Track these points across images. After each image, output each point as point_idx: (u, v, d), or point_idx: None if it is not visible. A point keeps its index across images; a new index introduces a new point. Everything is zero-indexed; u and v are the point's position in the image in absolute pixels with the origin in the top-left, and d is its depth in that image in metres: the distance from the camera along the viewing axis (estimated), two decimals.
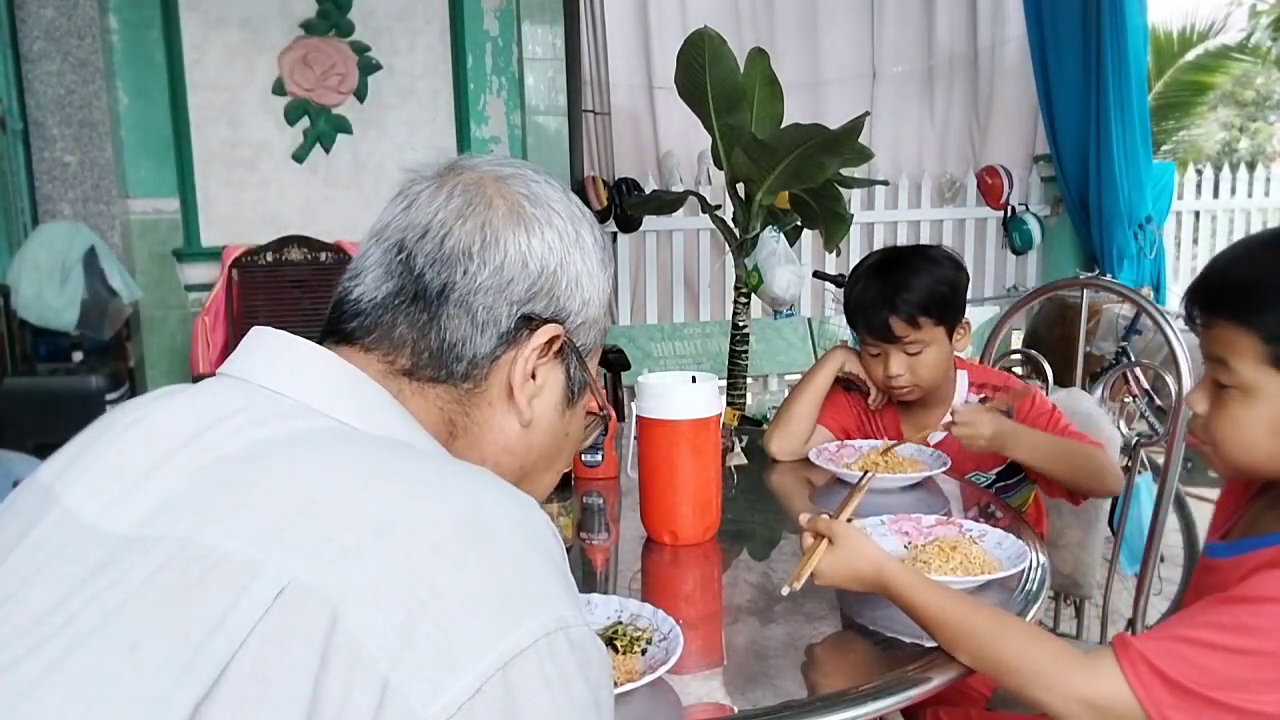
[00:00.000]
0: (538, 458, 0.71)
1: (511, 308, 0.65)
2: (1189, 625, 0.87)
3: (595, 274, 0.70)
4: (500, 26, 3.95)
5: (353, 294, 0.66)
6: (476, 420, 0.67)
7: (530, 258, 0.66)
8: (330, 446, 0.56)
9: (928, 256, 1.70)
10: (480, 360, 0.65)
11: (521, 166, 0.70)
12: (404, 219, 0.66)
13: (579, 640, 0.51)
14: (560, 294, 0.68)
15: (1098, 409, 1.83)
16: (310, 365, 0.62)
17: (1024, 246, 4.76)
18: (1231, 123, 11.54)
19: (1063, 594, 1.89)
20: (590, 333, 0.71)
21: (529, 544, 0.53)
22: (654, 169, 4.83)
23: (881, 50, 5.32)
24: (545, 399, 0.69)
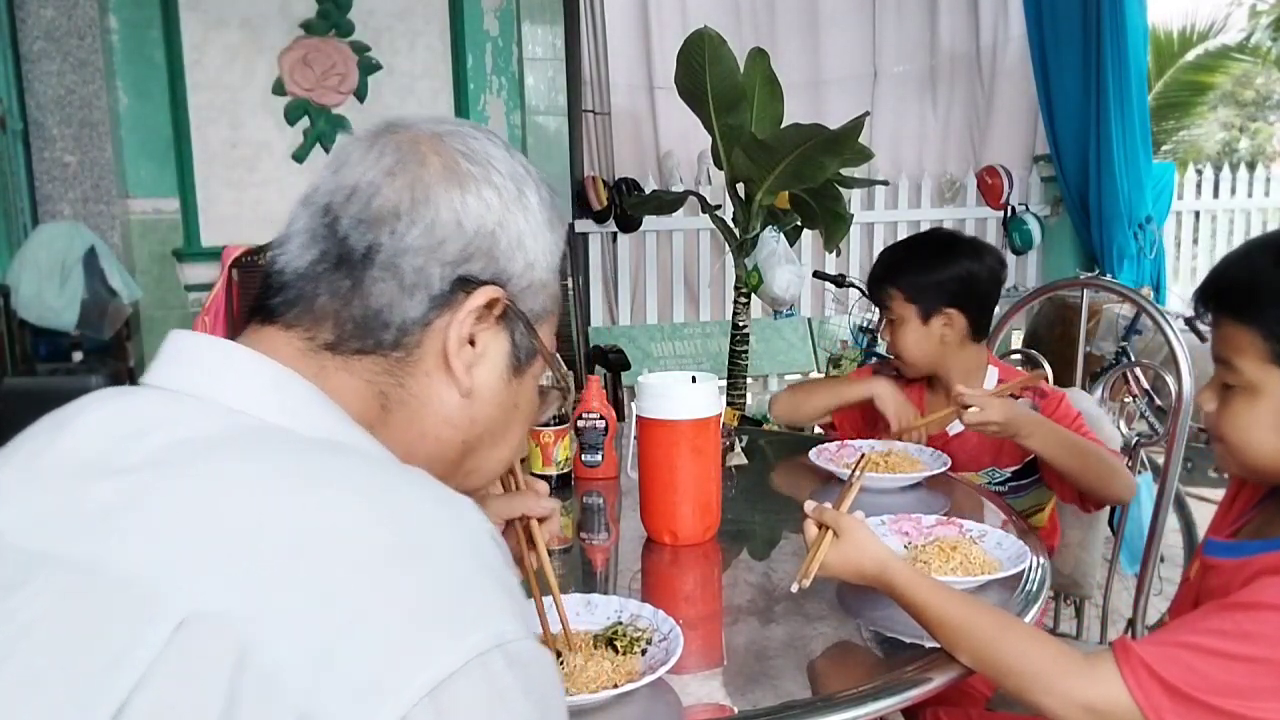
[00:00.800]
0: (483, 431, 0.66)
1: (444, 269, 0.61)
2: (1189, 631, 0.87)
3: (541, 235, 0.66)
4: (500, 26, 3.95)
5: (277, 264, 0.62)
6: (413, 391, 0.62)
7: (465, 217, 0.61)
8: (249, 456, 0.52)
9: (950, 243, 1.77)
10: (410, 326, 0.61)
11: (462, 124, 0.66)
12: (333, 181, 0.63)
13: (519, 655, 0.47)
14: (500, 255, 0.63)
15: (1098, 409, 1.83)
16: (231, 366, 0.58)
17: (1024, 246, 4.76)
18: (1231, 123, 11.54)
19: (1063, 594, 1.89)
20: (539, 297, 0.66)
21: (463, 555, 0.50)
22: (654, 169, 4.83)
23: (882, 50, 5.32)
24: (487, 367, 0.65)
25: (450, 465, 0.66)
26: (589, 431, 1.65)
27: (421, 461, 0.62)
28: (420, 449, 0.64)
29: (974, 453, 1.73)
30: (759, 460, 1.84)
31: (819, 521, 1.09)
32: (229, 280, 3.56)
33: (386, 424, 0.62)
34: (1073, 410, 1.69)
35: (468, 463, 0.68)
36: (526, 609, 0.51)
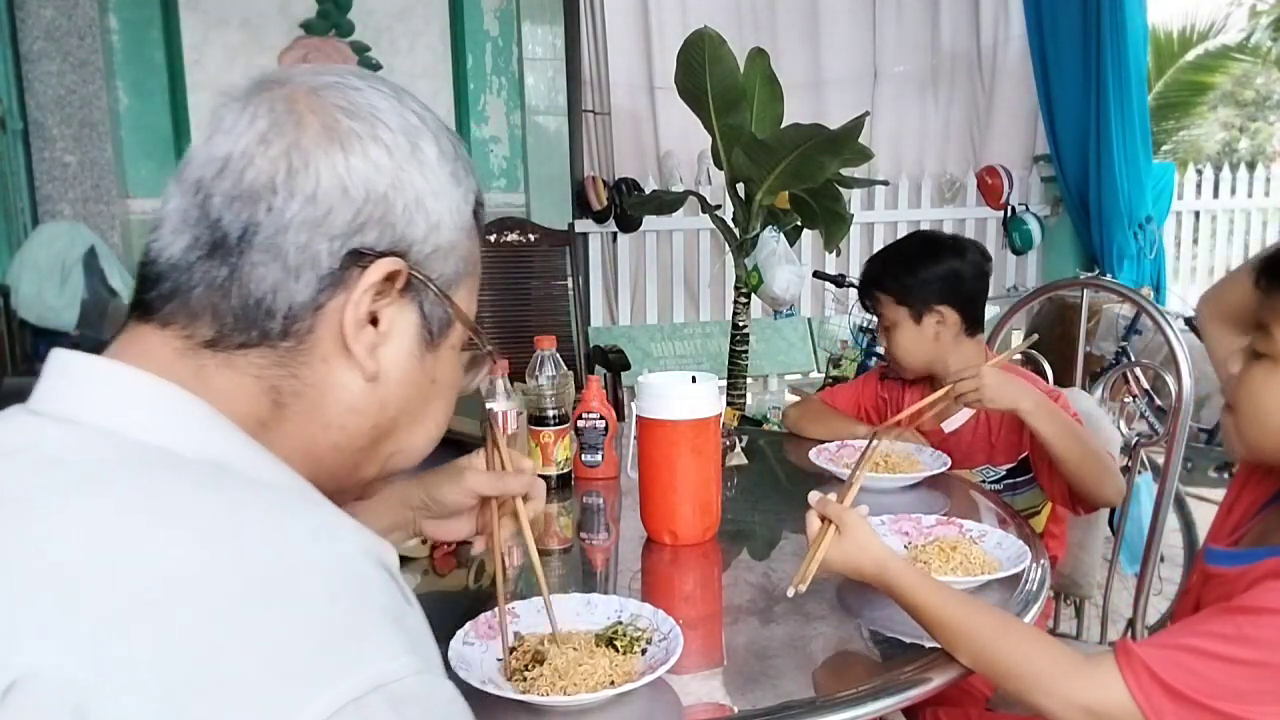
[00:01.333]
0: (397, 413, 0.61)
1: (333, 244, 0.54)
2: (1191, 634, 0.86)
3: (445, 191, 0.59)
4: (500, 26, 3.95)
5: (150, 253, 0.56)
6: (309, 382, 0.56)
7: (351, 182, 0.54)
8: (94, 493, 0.46)
9: (932, 245, 1.78)
10: (299, 311, 0.54)
11: (344, 73, 0.59)
12: (204, 150, 0.55)
13: (404, 694, 0.42)
14: (396, 220, 0.56)
15: (1098, 409, 1.82)
16: (104, 383, 0.53)
17: (1024, 246, 4.76)
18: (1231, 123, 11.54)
19: (1063, 594, 1.89)
20: (449, 260, 0.60)
21: (336, 592, 0.44)
22: (654, 169, 4.83)
23: (882, 50, 5.32)
24: (394, 346, 0.59)
25: (362, 453, 0.61)
26: (589, 431, 1.65)
27: (328, 454, 0.59)
28: (324, 441, 0.58)
29: (968, 450, 1.73)
30: (759, 460, 1.84)
31: (822, 514, 1.08)
32: None
33: (282, 420, 0.56)
34: (1071, 407, 1.68)
35: (384, 447, 0.62)
36: (420, 640, 0.46)
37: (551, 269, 3.91)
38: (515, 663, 0.93)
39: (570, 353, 3.81)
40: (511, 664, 0.94)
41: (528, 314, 3.84)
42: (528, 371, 1.62)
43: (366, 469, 0.63)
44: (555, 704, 0.87)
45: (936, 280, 1.72)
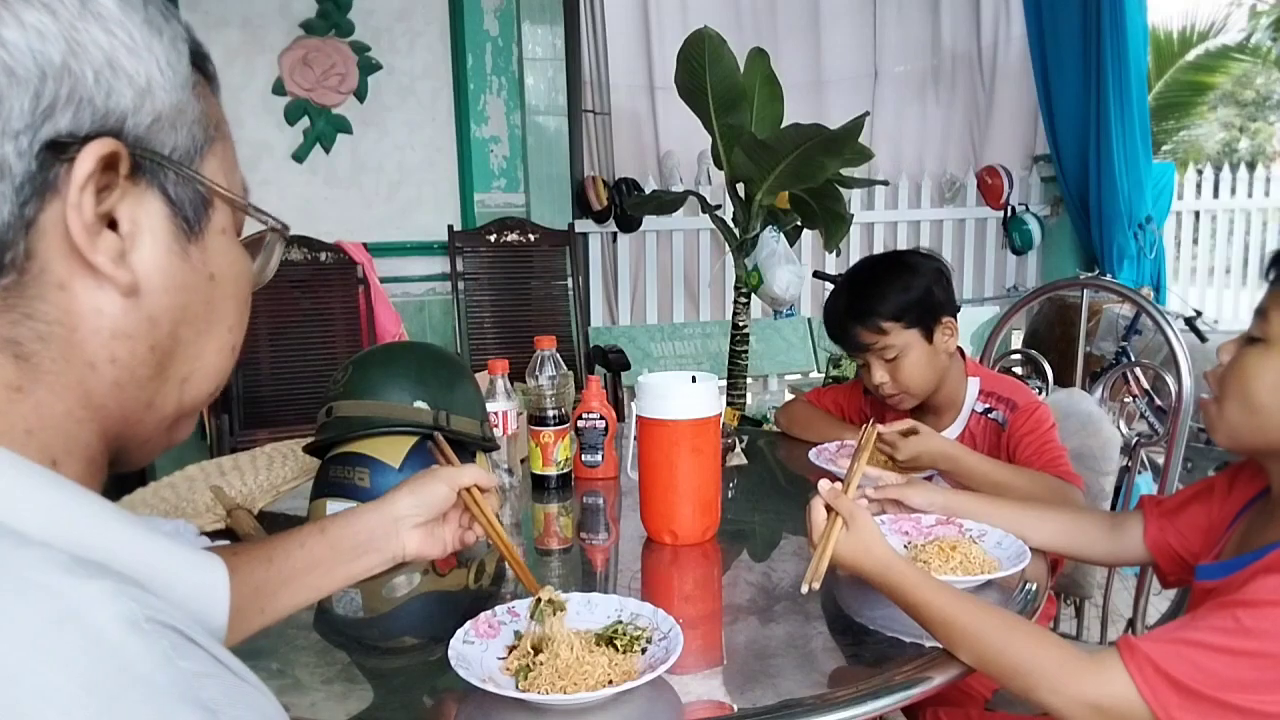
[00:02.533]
0: (174, 325, 0.50)
1: (19, 141, 0.43)
2: (1192, 629, 0.87)
3: (143, 44, 0.47)
4: (500, 26, 3.95)
5: None
6: (51, 318, 0.45)
7: (14, 60, 0.43)
8: None
9: (897, 262, 1.70)
10: (6, 235, 0.43)
11: None
12: None
13: None
14: (92, 91, 0.45)
15: (1098, 409, 1.83)
16: None
17: (1024, 246, 4.77)
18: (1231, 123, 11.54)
19: (1063, 594, 1.89)
20: (179, 127, 0.49)
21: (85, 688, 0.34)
22: (654, 169, 4.83)
23: (882, 50, 5.32)
24: (146, 247, 0.48)
25: (151, 384, 0.51)
26: (589, 431, 1.65)
27: (110, 397, 0.49)
28: (98, 382, 0.48)
29: None
30: (759, 460, 1.84)
31: (830, 506, 1.06)
32: None
33: (37, 376, 0.46)
34: (1044, 422, 1.61)
35: (174, 370, 0.52)
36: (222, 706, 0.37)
37: (551, 269, 3.91)
38: (515, 662, 0.94)
39: (570, 353, 3.82)
40: (512, 664, 0.94)
41: (528, 314, 3.84)
42: (528, 371, 1.62)
43: (162, 403, 0.52)
44: (555, 703, 0.87)
45: (934, 287, 1.66)
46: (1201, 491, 1.15)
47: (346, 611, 1.20)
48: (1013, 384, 1.72)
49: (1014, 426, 1.62)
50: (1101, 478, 1.78)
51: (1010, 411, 1.65)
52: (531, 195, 4.06)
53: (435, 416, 1.34)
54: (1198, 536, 1.14)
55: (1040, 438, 1.60)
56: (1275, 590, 0.85)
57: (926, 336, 1.65)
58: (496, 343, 3.73)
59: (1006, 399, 1.68)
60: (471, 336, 3.76)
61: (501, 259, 3.84)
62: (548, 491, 1.62)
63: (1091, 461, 1.78)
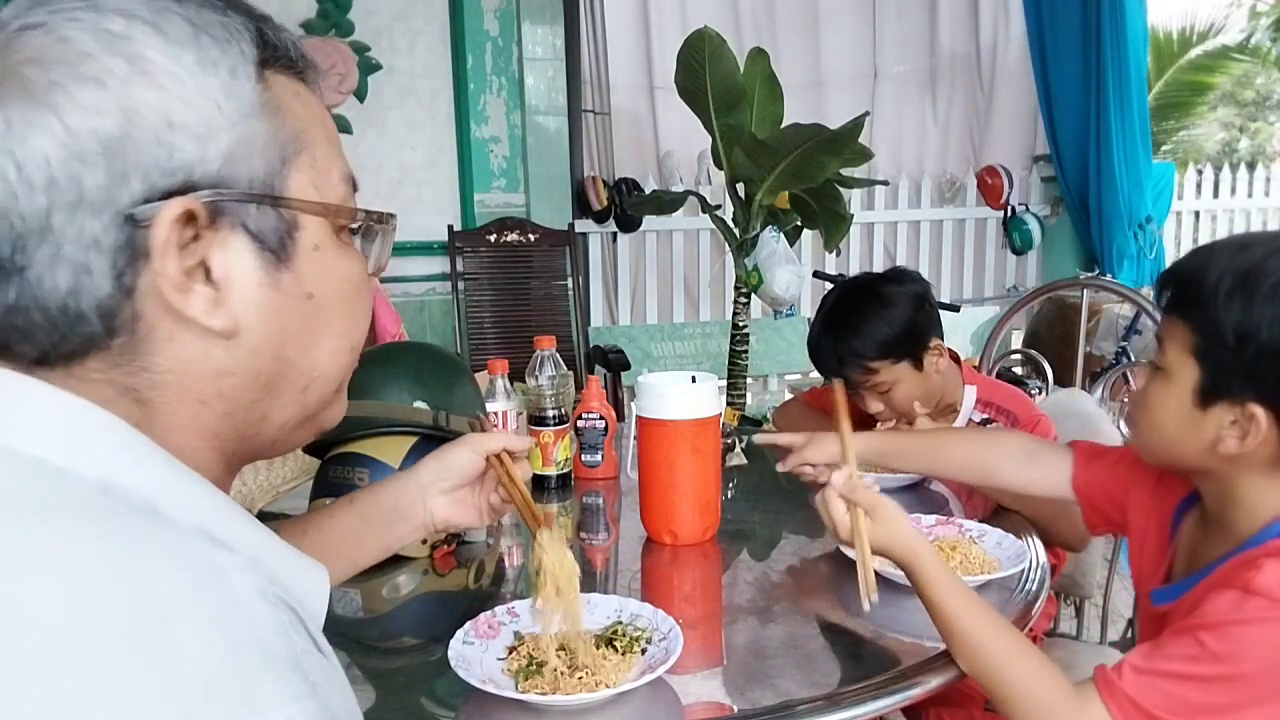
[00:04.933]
0: (278, 350, 0.53)
1: (102, 217, 0.46)
2: (1163, 657, 0.87)
3: (196, 89, 0.48)
4: (500, 26, 3.95)
5: None
6: (164, 368, 0.49)
7: (79, 144, 0.45)
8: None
9: (877, 297, 1.65)
10: (111, 305, 0.47)
11: (30, 10, 0.47)
12: None
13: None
14: (154, 154, 0.47)
15: (1098, 409, 1.83)
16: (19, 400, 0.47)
17: (1024, 246, 4.77)
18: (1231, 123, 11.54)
19: (1063, 594, 1.88)
20: (252, 158, 0.50)
21: (218, 637, 0.40)
22: (654, 169, 4.83)
23: (882, 50, 5.32)
24: (238, 288, 0.50)
25: (263, 404, 0.54)
26: (589, 431, 1.65)
27: (221, 425, 0.52)
28: (209, 416, 0.52)
29: None
30: (759, 460, 1.84)
31: (849, 498, 1.02)
32: None
33: (154, 416, 0.50)
34: (1047, 436, 1.59)
35: (286, 385, 0.55)
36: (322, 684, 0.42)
37: (551, 269, 3.91)
38: (515, 664, 0.94)
39: (570, 353, 3.82)
40: (512, 666, 0.94)
41: (528, 314, 3.84)
42: (528, 371, 1.62)
43: (280, 415, 0.55)
44: (555, 704, 0.87)
45: (916, 316, 1.63)
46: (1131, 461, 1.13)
47: (346, 611, 1.20)
48: (1011, 393, 1.71)
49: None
50: None
51: (1011, 424, 1.65)
52: (531, 195, 4.06)
53: (435, 416, 1.34)
54: (1124, 496, 1.14)
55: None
56: (1230, 608, 0.85)
57: (916, 365, 1.64)
58: (496, 343, 3.73)
59: (1006, 410, 1.67)
60: (471, 336, 3.76)
61: (501, 259, 3.84)
62: (547, 491, 1.62)
63: None
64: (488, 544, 1.40)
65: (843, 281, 1.83)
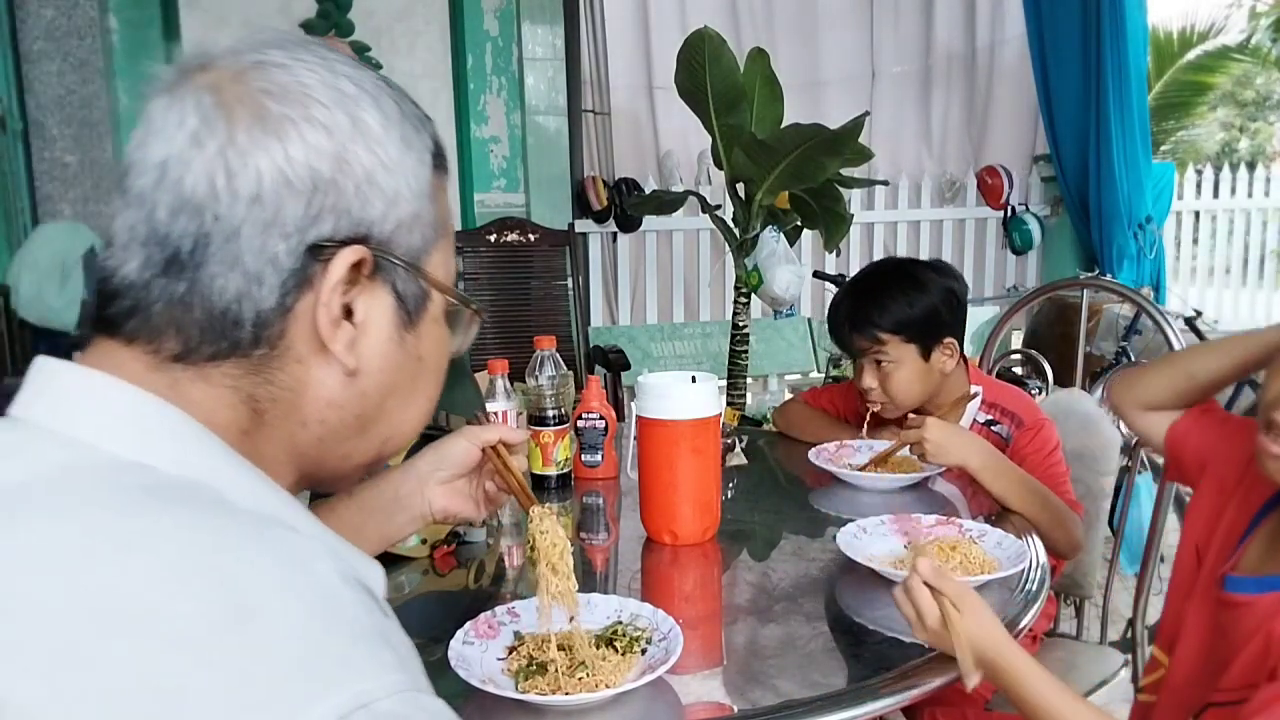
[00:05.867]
0: (381, 399, 0.58)
1: (290, 242, 0.51)
2: None
3: (397, 161, 0.55)
4: (500, 26, 3.95)
5: (107, 268, 0.53)
6: (285, 385, 0.54)
7: (293, 172, 0.51)
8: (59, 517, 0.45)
9: (911, 274, 1.67)
10: (268, 318, 0.52)
11: (265, 47, 0.53)
12: (140, 156, 0.52)
13: (389, 714, 0.41)
14: (351, 205, 0.53)
15: (1098, 409, 1.82)
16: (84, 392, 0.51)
17: (1024, 246, 4.77)
18: (1231, 123, 11.55)
19: (1063, 594, 1.89)
20: (415, 231, 0.56)
21: (310, 614, 0.43)
22: (654, 169, 4.83)
23: (881, 50, 5.32)
24: (371, 336, 0.56)
25: (350, 443, 0.59)
26: (589, 431, 1.65)
27: (311, 448, 0.57)
28: (305, 437, 0.56)
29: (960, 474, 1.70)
30: (759, 460, 1.84)
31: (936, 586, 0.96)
32: None
33: (261, 426, 0.55)
34: (1050, 442, 1.62)
35: (375, 432, 0.60)
36: (407, 657, 0.45)
37: (551, 269, 3.91)
38: (515, 664, 0.94)
39: (570, 353, 3.82)
40: (512, 666, 0.94)
41: (528, 314, 3.84)
42: (528, 371, 1.62)
43: (358, 455, 0.61)
44: (555, 704, 0.87)
45: (941, 308, 1.64)
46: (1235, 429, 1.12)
47: None
48: (1017, 395, 1.71)
49: (1019, 444, 1.62)
50: (1101, 478, 1.78)
51: (1016, 428, 1.65)
52: (531, 195, 4.06)
53: (435, 416, 1.34)
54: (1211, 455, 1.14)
55: (1046, 459, 1.60)
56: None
57: (923, 354, 1.65)
58: (496, 343, 3.73)
59: (1011, 413, 1.67)
60: None
61: (501, 259, 3.84)
62: (547, 491, 1.61)
63: (1091, 461, 1.78)
64: (488, 544, 1.40)
65: (886, 258, 1.87)
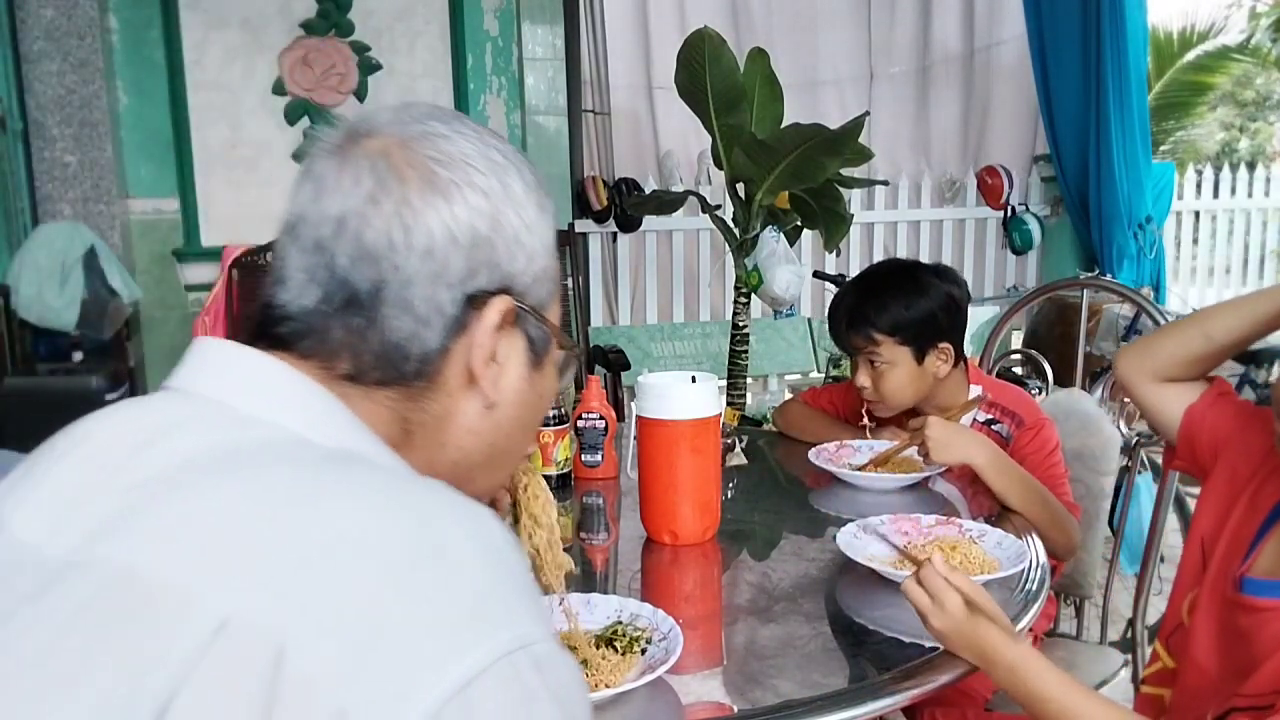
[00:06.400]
0: (511, 431, 0.66)
1: (452, 291, 0.60)
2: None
3: (535, 223, 0.63)
4: (500, 26, 3.95)
5: (278, 300, 0.61)
6: (434, 413, 0.62)
7: (459, 231, 0.59)
8: (273, 463, 0.53)
9: (912, 277, 1.68)
10: (430, 356, 0.60)
11: (426, 118, 0.62)
12: (315, 210, 0.60)
13: (543, 657, 0.48)
14: (501, 260, 0.61)
15: (1097, 409, 1.83)
16: (255, 373, 0.58)
17: (1024, 246, 4.76)
18: (1231, 123, 11.54)
19: (1063, 594, 1.89)
20: (543, 285, 0.65)
21: (485, 561, 0.50)
22: (654, 169, 4.82)
23: (880, 51, 5.32)
24: (510, 374, 0.64)
25: (478, 469, 0.66)
26: (589, 431, 1.65)
27: (444, 469, 0.63)
28: (442, 458, 0.63)
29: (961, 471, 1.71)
30: (759, 460, 1.84)
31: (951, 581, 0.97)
32: (229, 280, 3.56)
33: (408, 444, 0.62)
34: (1050, 442, 1.63)
35: (499, 463, 0.68)
36: (548, 615, 0.53)
37: None
38: None
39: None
40: None
41: None
42: None
43: (480, 483, 0.68)
44: None
45: (941, 312, 1.65)
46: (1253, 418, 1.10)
47: None
48: (1018, 395, 1.71)
49: (1019, 443, 1.62)
50: (1101, 478, 1.78)
51: (1016, 427, 1.65)
52: None
53: None
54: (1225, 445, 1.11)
55: (1046, 459, 1.60)
56: None
57: (918, 357, 1.65)
58: None
59: (1012, 413, 1.67)
60: None
61: None
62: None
63: (1091, 461, 1.78)
64: None
65: (890, 259, 1.90)
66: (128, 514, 0.50)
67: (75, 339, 3.14)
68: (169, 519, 0.49)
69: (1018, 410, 1.67)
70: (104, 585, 0.47)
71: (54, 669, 0.45)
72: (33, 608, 0.48)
